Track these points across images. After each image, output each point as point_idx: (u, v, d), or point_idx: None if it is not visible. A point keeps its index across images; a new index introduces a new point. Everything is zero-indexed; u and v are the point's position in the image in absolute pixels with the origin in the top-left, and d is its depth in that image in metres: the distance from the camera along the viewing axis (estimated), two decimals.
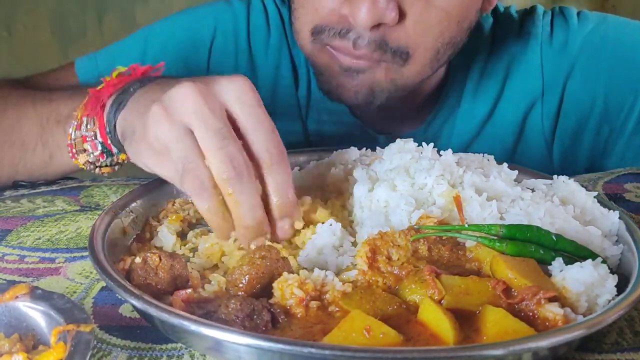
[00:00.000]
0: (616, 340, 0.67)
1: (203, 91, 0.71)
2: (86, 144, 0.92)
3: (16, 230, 0.91)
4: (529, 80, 1.19)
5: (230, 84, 0.73)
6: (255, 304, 0.63)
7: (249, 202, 0.71)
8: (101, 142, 0.91)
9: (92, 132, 0.91)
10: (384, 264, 0.71)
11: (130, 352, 0.65)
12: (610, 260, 0.74)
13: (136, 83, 0.87)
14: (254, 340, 0.56)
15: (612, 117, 1.17)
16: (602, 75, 1.16)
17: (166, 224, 0.82)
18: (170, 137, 0.72)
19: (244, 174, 0.70)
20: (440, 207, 0.79)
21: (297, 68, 1.24)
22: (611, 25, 1.20)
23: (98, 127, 0.90)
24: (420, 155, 0.86)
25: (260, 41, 1.25)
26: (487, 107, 1.21)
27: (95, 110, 0.90)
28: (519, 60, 1.19)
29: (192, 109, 0.71)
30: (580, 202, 0.82)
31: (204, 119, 0.70)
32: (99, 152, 0.92)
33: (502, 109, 1.21)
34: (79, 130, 0.92)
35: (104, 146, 0.91)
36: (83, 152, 0.93)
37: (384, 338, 0.59)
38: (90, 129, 0.91)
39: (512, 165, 0.89)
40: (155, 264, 0.70)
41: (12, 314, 0.62)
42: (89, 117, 0.91)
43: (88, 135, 0.91)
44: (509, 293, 0.65)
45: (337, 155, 0.96)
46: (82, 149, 0.93)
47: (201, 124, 0.71)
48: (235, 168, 0.70)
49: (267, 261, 0.69)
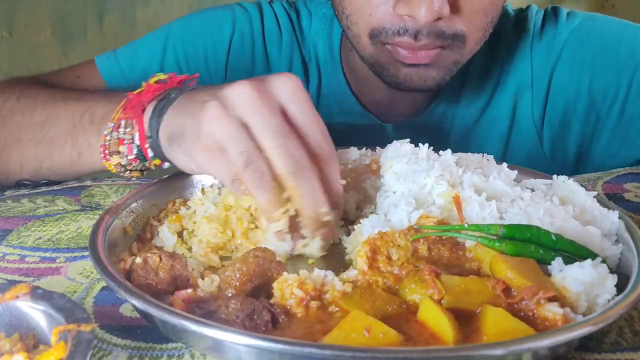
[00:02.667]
0: (616, 339, 0.67)
1: (260, 89, 0.74)
2: (122, 147, 0.91)
3: (17, 229, 0.91)
4: (520, 71, 1.26)
5: (283, 83, 0.76)
6: (256, 304, 0.64)
7: (313, 193, 0.74)
8: (138, 145, 0.90)
9: (130, 135, 0.90)
10: (384, 263, 0.71)
11: (131, 351, 0.65)
12: (610, 260, 0.74)
13: (176, 90, 0.89)
14: (254, 340, 0.56)
15: (598, 105, 1.23)
16: (586, 66, 1.22)
17: (167, 224, 0.83)
18: (229, 133, 0.74)
19: (307, 167, 0.73)
20: (439, 207, 0.79)
21: (307, 65, 1.31)
22: (597, 21, 1.27)
23: (137, 130, 0.89)
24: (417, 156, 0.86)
25: (274, 42, 1.32)
26: (485, 98, 1.28)
27: (135, 114, 0.89)
28: (513, 54, 1.27)
29: (250, 105, 0.73)
30: (579, 202, 0.82)
31: (262, 116, 0.73)
32: (133, 155, 0.91)
33: (498, 98, 1.28)
34: (116, 132, 0.92)
35: (140, 150, 0.90)
36: (117, 154, 0.92)
37: (384, 338, 0.59)
38: (128, 132, 0.91)
39: (511, 165, 0.89)
40: (155, 264, 0.70)
41: (13, 314, 0.62)
42: (128, 120, 0.91)
43: (125, 138, 0.91)
44: (509, 293, 0.65)
45: (337, 155, 0.96)
46: (117, 150, 0.92)
47: (260, 121, 0.73)
48: (297, 162, 0.73)
49: (259, 260, 0.70)
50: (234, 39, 1.31)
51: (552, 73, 1.25)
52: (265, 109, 0.73)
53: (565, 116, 1.26)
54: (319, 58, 1.31)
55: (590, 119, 1.25)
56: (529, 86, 1.27)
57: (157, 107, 0.87)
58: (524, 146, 1.30)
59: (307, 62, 1.31)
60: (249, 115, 0.74)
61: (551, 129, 1.28)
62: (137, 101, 0.90)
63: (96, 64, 1.29)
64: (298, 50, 1.32)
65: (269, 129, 0.73)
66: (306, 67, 1.31)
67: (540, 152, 1.30)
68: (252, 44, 1.32)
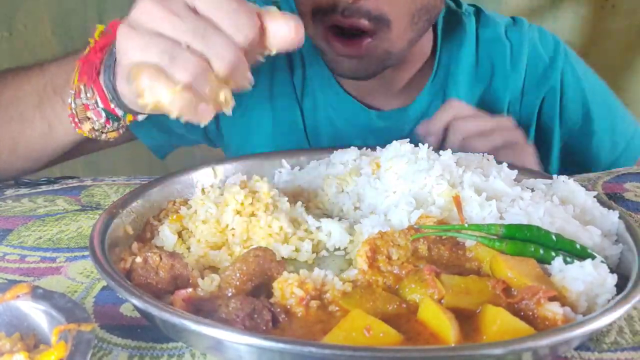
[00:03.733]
0: (615, 339, 0.67)
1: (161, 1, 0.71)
2: (89, 112, 0.91)
3: (17, 229, 0.91)
4: (514, 80, 1.32)
5: None
6: (256, 303, 0.64)
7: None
8: (103, 108, 0.90)
9: (93, 100, 0.90)
10: (384, 263, 0.71)
11: (131, 351, 0.65)
12: (610, 259, 0.74)
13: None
14: (255, 340, 0.56)
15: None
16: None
17: (167, 224, 0.83)
18: (142, 43, 0.70)
19: (238, 59, 0.70)
20: (439, 206, 0.79)
21: (291, 56, 1.33)
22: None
23: (97, 94, 0.88)
24: (417, 156, 0.86)
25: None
26: (474, 101, 1.31)
27: (91, 78, 0.88)
28: (503, 63, 1.31)
29: (156, 16, 0.70)
30: (579, 202, 0.83)
31: (171, 21, 0.69)
32: (103, 118, 0.91)
33: (485, 99, 1.32)
34: (79, 99, 0.91)
35: (108, 112, 0.90)
36: (87, 120, 0.92)
37: (384, 337, 0.59)
38: (90, 97, 0.90)
39: (511, 165, 0.89)
40: (155, 264, 0.70)
41: (13, 314, 0.62)
42: (87, 86, 0.90)
43: (90, 104, 0.90)
44: (509, 292, 0.65)
45: (338, 154, 0.97)
46: (85, 117, 0.91)
47: (170, 25, 0.69)
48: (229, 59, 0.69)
49: (260, 259, 0.70)
50: None
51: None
52: (171, 14, 0.70)
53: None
54: (302, 49, 1.30)
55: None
56: (519, 96, 1.32)
57: (107, 65, 0.86)
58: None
59: (291, 54, 1.33)
60: (157, 24, 0.70)
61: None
62: (89, 63, 0.89)
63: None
64: None
65: (180, 30, 0.69)
66: (291, 59, 1.33)
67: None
68: None
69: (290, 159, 1.00)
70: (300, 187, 0.94)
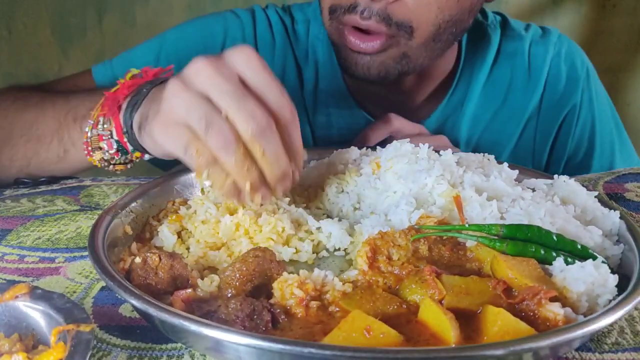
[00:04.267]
0: (617, 340, 0.67)
1: (215, 62, 0.76)
2: (102, 142, 0.97)
3: (16, 229, 0.91)
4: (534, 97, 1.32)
5: (238, 53, 0.78)
6: (256, 304, 0.63)
7: (276, 151, 0.76)
8: (117, 140, 0.95)
9: (108, 131, 0.96)
10: (384, 263, 0.71)
11: (130, 352, 0.65)
12: (611, 260, 0.74)
13: (148, 84, 0.92)
14: (254, 340, 0.56)
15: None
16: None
17: (166, 224, 0.82)
18: (188, 104, 0.75)
19: (268, 126, 0.74)
20: (440, 206, 0.78)
21: (301, 68, 1.33)
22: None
23: (114, 126, 0.94)
24: (417, 156, 0.86)
25: (267, 46, 1.34)
26: (488, 115, 1.30)
27: (112, 111, 0.94)
28: (521, 80, 1.31)
29: (206, 77, 0.75)
30: (580, 202, 0.82)
31: (219, 84, 0.75)
32: (114, 150, 0.96)
33: (502, 120, 1.31)
34: (96, 129, 0.97)
35: (120, 144, 0.96)
36: (99, 149, 0.98)
37: (385, 338, 0.59)
38: (106, 128, 0.96)
39: (512, 165, 0.89)
40: (155, 264, 0.70)
41: (12, 314, 0.62)
42: (106, 117, 0.96)
43: (104, 135, 0.96)
44: (510, 293, 0.65)
45: (338, 154, 0.96)
46: (98, 146, 0.97)
47: (218, 88, 0.75)
48: (259, 123, 0.74)
49: (259, 260, 0.70)
50: (226, 45, 1.32)
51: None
52: (221, 78, 0.75)
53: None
54: (319, 61, 1.32)
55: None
56: (536, 113, 1.31)
57: (131, 102, 0.92)
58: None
59: (302, 66, 1.34)
60: (207, 86, 0.75)
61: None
62: (113, 98, 0.95)
63: (92, 72, 1.32)
64: (292, 55, 1.34)
65: (227, 93, 0.74)
66: (300, 70, 1.33)
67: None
68: None
69: None
70: (300, 187, 0.94)
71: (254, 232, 0.79)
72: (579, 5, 2.46)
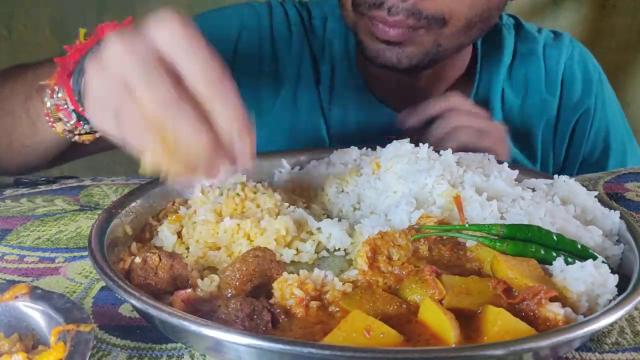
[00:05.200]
0: (617, 340, 0.67)
1: (128, 38, 0.68)
2: (60, 113, 0.92)
3: (16, 229, 0.91)
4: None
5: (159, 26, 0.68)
6: (256, 304, 0.63)
7: (188, 128, 0.64)
8: (73, 109, 0.90)
9: (64, 100, 0.90)
10: (384, 263, 0.71)
11: (130, 352, 0.65)
12: (611, 260, 0.74)
13: (96, 45, 0.86)
14: (254, 340, 0.56)
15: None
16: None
17: (166, 224, 0.82)
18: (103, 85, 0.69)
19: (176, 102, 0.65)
20: (440, 206, 0.78)
21: (318, 62, 1.32)
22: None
23: (67, 95, 0.89)
24: (417, 156, 0.86)
25: (283, 39, 1.33)
26: (511, 116, 1.31)
27: (61, 79, 0.89)
28: (538, 82, 1.32)
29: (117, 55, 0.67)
30: (581, 202, 0.82)
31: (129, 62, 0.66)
32: (74, 120, 0.91)
33: (519, 117, 1.31)
34: (52, 99, 0.92)
35: (77, 114, 0.90)
36: (59, 120, 0.93)
37: (385, 338, 0.59)
38: (61, 97, 0.90)
39: (512, 165, 0.89)
40: (155, 264, 0.70)
41: (12, 314, 0.62)
42: (59, 86, 0.90)
43: (60, 104, 0.91)
44: (510, 293, 0.65)
45: (338, 154, 0.96)
46: (58, 117, 0.92)
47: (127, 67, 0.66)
48: (162, 100, 0.65)
49: (259, 260, 0.70)
50: (241, 37, 1.32)
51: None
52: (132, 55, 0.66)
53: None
54: (335, 56, 1.32)
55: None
56: (554, 116, 1.31)
57: (77, 69, 0.86)
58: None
59: (318, 60, 1.33)
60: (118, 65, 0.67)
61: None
62: (63, 65, 0.89)
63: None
64: (308, 49, 1.33)
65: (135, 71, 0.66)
66: (316, 65, 1.33)
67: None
68: (259, 42, 1.33)
69: (291, 158, 1.00)
70: (300, 188, 0.94)
71: (254, 236, 0.79)
72: (579, 5, 2.46)
